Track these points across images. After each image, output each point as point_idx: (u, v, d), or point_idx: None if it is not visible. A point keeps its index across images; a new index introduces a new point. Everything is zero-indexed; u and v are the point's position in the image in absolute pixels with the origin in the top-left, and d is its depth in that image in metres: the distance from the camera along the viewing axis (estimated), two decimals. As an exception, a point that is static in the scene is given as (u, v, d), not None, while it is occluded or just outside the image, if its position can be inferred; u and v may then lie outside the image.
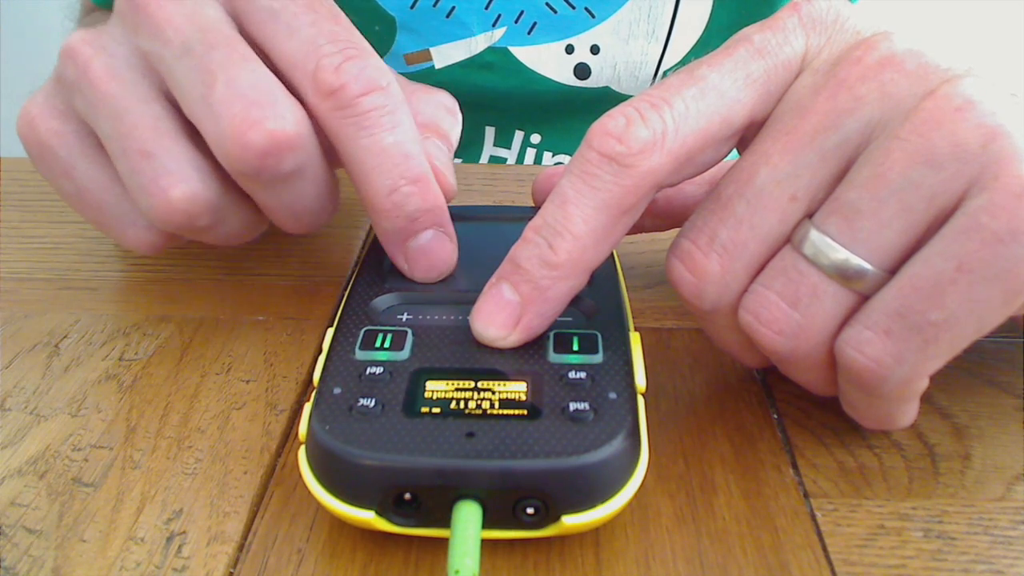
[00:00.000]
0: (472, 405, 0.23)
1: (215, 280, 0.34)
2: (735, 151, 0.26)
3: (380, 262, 0.29)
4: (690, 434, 0.27)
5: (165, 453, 0.26)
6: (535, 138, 0.57)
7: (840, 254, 0.22)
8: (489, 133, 0.57)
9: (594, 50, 0.53)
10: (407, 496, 0.21)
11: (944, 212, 0.22)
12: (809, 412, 0.27)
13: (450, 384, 0.23)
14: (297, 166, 0.27)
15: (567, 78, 0.54)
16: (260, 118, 0.26)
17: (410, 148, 0.27)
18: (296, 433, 0.26)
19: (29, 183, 0.41)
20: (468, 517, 0.21)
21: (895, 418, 0.25)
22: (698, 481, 0.25)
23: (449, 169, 0.30)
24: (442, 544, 0.22)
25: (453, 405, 0.23)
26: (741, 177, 0.24)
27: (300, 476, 0.23)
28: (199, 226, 0.28)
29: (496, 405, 0.23)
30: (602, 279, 0.28)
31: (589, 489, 0.21)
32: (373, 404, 0.23)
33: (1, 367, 0.29)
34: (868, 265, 0.22)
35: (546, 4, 0.52)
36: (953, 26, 1.10)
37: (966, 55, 0.23)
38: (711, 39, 0.53)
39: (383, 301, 0.27)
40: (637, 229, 0.30)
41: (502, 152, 0.57)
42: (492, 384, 0.23)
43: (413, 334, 0.25)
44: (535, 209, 0.26)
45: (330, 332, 0.26)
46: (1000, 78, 0.22)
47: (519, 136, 0.57)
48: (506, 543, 0.23)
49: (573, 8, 0.52)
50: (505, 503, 0.21)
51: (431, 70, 0.53)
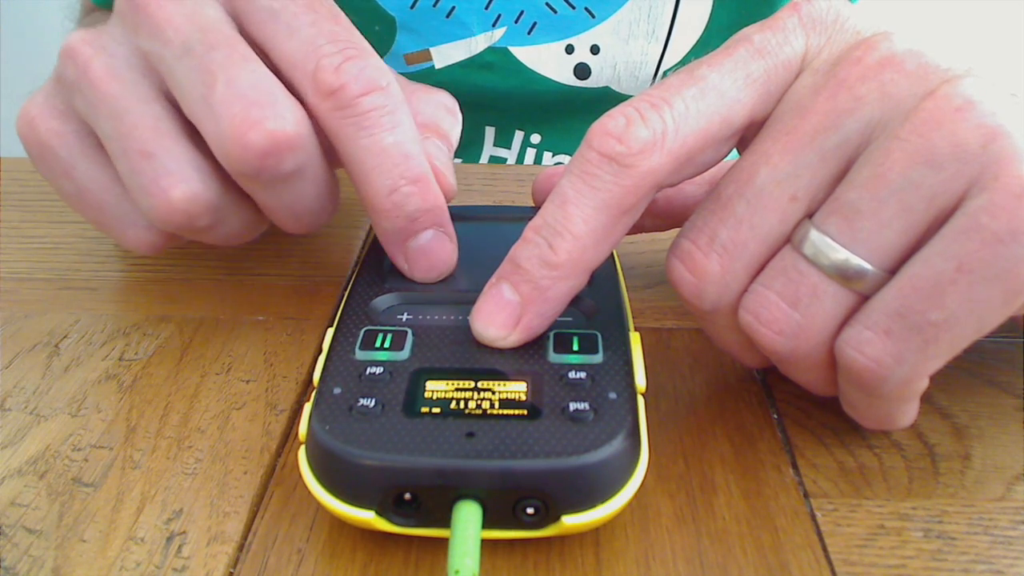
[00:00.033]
0: (472, 405, 0.23)
1: (215, 280, 0.34)
2: (735, 151, 0.26)
3: (380, 262, 0.29)
4: (690, 434, 0.27)
5: (165, 453, 0.26)
6: (535, 138, 0.57)
7: (840, 254, 0.22)
8: (489, 133, 0.57)
9: (594, 50, 0.53)
10: (407, 496, 0.21)
11: (944, 212, 0.22)
12: (809, 412, 0.27)
13: (450, 384, 0.23)
14: (297, 166, 0.27)
15: (567, 78, 0.54)
16: (260, 118, 0.26)
17: (410, 148, 0.27)
18: (296, 433, 0.26)
19: (29, 183, 0.41)
20: (468, 517, 0.21)
21: (895, 418, 0.25)
22: (698, 481, 0.25)
23: (449, 169, 0.30)
24: (442, 544, 0.22)
25: (453, 405, 0.23)
26: (741, 177, 0.24)
27: (300, 476, 0.23)
28: (199, 226, 0.28)
29: (496, 405, 0.23)
30: (602, 279, 0.28)
31: (589, 489, 0.21)
32: (373, 404, 0.23)
33: (1, 367, 0.29)
34: (868, 265, 0.22)
35: (546, 4, 0.52)
36: (953, 26, 1.10)
37: (966, 55, 0.23)
38: (711, 39, 0.53)
39: (383, 301, 0.27)
40: (637, 229, 0.30)
41: (502, 152, 0.57)
42: (492, 384, 0.23)
43: (413, 334, 0.25)
44: (535, 209, 0.26)
45: (330, 332, 0.26)
46: (1000, 78, 0.22)
47: (519, 136, 0.57)
48: (506, 543, 0.23)
49: (573, 8, 0.52)
50: (505, 503, 0.21)
51: (431, 70, 0.53)
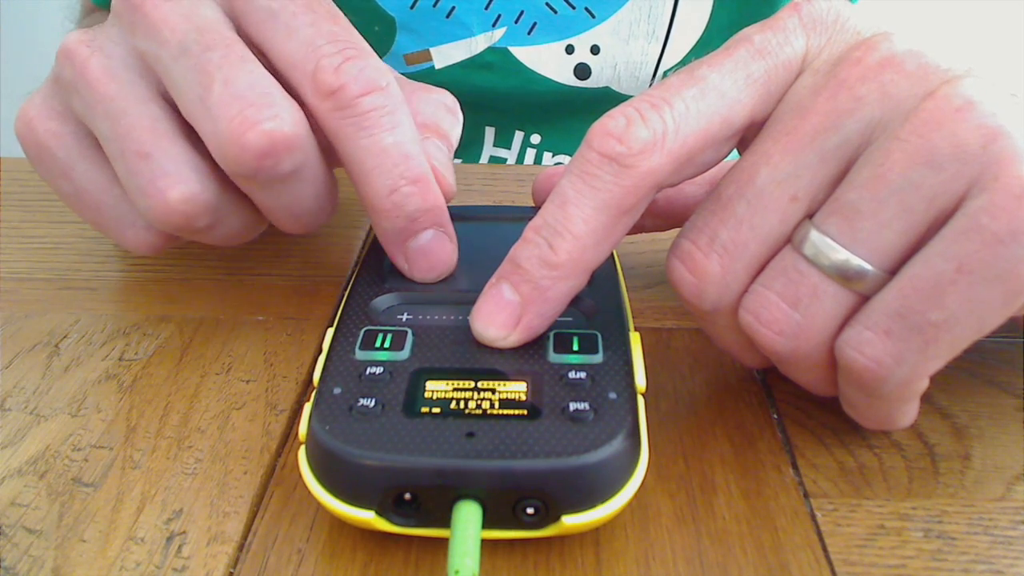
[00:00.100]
0: (472, 405, 0.23)
1: (215, 280, 0.34)
2: (735, 151, 0.26)
3: (380, 262, 0.29)
4: (690, 434, 0.27)
5: (165, 453, 0.26)
6: (535, 138, 0.57)
7: (840, 254, 0.22)
8: (489, 133, 0.57)
9: (594, 50, 0.53)
10: (407, 496, 0.21)
11: (944, 213, 0.22)
12: (809, 412, 0.27)
13: (450, 384, 0.23)
14: (295, 167, 0.27)
15: (567, 78, 0.54)
16: (258, 119, 0.26)
17: (410, 148, 0.27)
18: (296, 433, 0.26)
19: (29, 183, 0.41)
20: (468, 517, 0.21)
21: (895, 418, 0.25)
22: (698, 481, 0.25)
23: (449, 169, 0.30)
24: (442, 544, 0.22)
25: (453, 405, 0.23)
26: (741, 177, 0.24)
27: (300, 476, 0.23)
28: (197, 227, 0.28)
29: (496, 405, 0.23)
30: (602, 279, 0.28)
31: (589, 489, 0.21)
32: (373, 404, 0.23)
33: (1, 367, 0.29)
34: (868, 265, 0.22)
35: (546, 4, 0.52)
36: (953, 26, 1.10)
37: (966, 55, 0.23)
38: (711, 39, 0.53)
39: (383, 301, 0.27)
40: (637, 229, 0.30)
41: (502, 152, 0.57)
42: (492, 384, 0.23)
43: (413, 334, 0.25)
44: (535, 209, 0.26)
45: (330, 332, 0.26)
46: (1000, 78, 0.22)
47: (519, 136, 0.57)
48: (506, 543, 0.23)
49: (573, 8, 0.52)
50: (505, 503, 0.21)
51: (431, 70, 0.53)
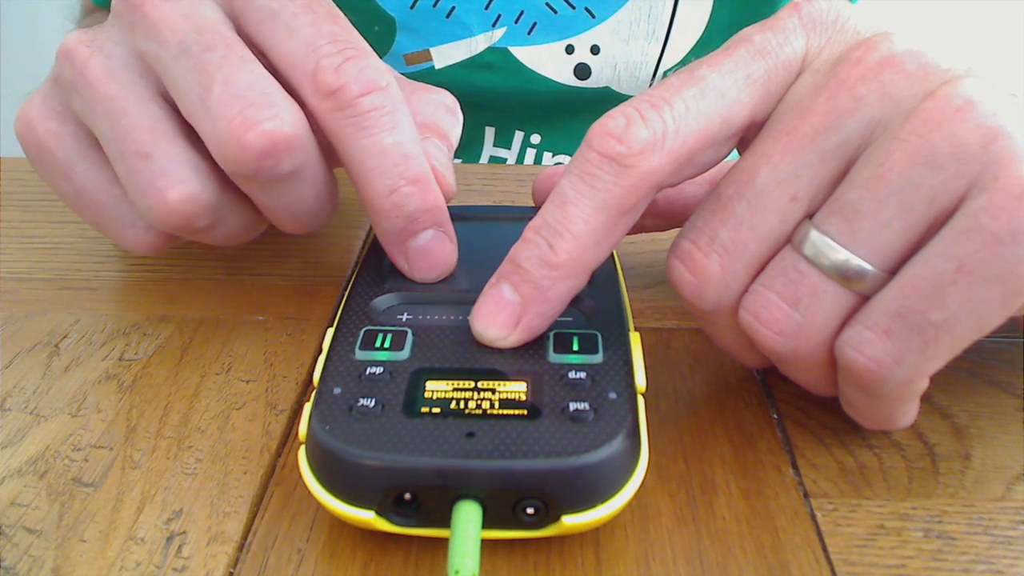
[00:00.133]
0: (472, 405, 0.23)
1: (215, 280, 0.34)
2: (735, 151, 0.26)
3: (380, 262, 0.29)
4: (690, 434, 0.27)
5: (165, 453, 0.26)
6: (535, 138, 0.57)
7: (840, 254, 0.22)
8: (489, 133, 0.57)
9: (594, 50, 0.53)
10: (407, 496, 0.21)
11: (944, 213, 0.22)
12: (809, 412, 0.27)
13: (450, 384, 0.23)
14: (295, 167, 0.27)
15: (567, 78, 0.54)
16: (258, 119, 0.25)
17: (410, 148, 0.27)
18: (296, 433, 0.26)
19: (29, 183, 0.41)
20: (468, 517, 0.21)
21: (895, 418, 0.25)
22: (698, 481, 0.25)
23: (448, 169, 0.30)
24: (442, 544, 0.22)
25: (453, 405, 0.23)
26: (741, 177, 0.24)
27: (300, 476, 0.23)
28: (197, 227, 0.28)
29: (496, 405, 0.23)
30: (602, 279, 0.28)
31: (589, 489, 0.21)
32: (373, 404, 0.23)
33: (1, 367, 0.29)
34: (868, 266, 0.22)
35: (546, 4, 0.52)
36: (953, 26, 1.10)
37: (966, 55, 0.23)
38: (711, 39, 0.53)
39: (383, 301, 0.27)
40: (637, 229, 0.30)
41: (502, 152, 0.57)
42: (492, 384, 0.23)
43: (413, 334, 0.25)
44: (535, 209, 0.26)
45: (330, 332, 0.26)
46: (1000, 78, 0.22)
47: (519, 136, 0.57)
48: (506, 543, 0.23)
49: (573, 8, 0.52)
50: (505, 503, 0.21)
51: (431, 70, 0.53)
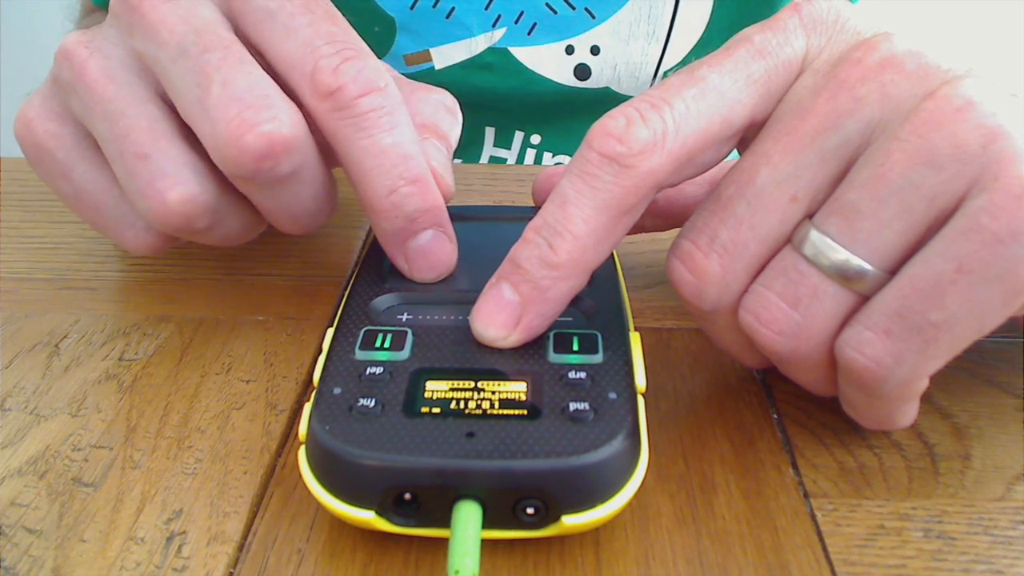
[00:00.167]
0: (472, 405, 0.23)
1: (215, 280, 0.34)
2: (735, 151, 0.26)
3: (380, 262, 0.29)
4: (690, 434, 0.27)
5: (165, 453, 0.26)
6: (535, 139, 0.57)
7: (840, 255, 0.22)
8: (489, 134, 0.57)
9: (594, 51, 0.53)
10: (407, 496, 0.21)
11: (944, 213, 0.22)
12: (809, 412, 0.27)
13: (450, 384, 0.23)
14: (294, 168, 0.27)
15: (567, 79, 0.54)
16: (256, 121, 0.25)
17: (408, 149, 0.27)
18: (296, 433, 0.26)
19: (29, 183, 0.41)
20: (468, 517, 0.21)
21: (895, 418, 0.25)
22: (698, 481, 0.25)
23: (447, 170, 0.30)
24: (442, 544, 0.22)
25: (453, 405, 0.23)
26: (741, 178, 0.24)
27: (300, 476, 0.23)
28: (196, 228, 0.28)
29: (496, 405, 0.23)
30: (602, 279, 0.28)
31: (589, 489, 0.21)
32: (373, 404, 0.23)
33: (1, 367, 0.29)
34: (868, 266, 0.22)
35: (546, 4, 0.52)
36: (953, 26, 1.10)
37: (966, 55, 0.23)
38: (712, 39, 0.53)
39: (383, 301, 0.27)
40: (637, 229, 0.30)
41: (502, 152, 0.57)
42: (492, 384, 0.23)
43: (413, 334, 0.25)
44: (535, 209, 0.26)
45: (330, 332, 0.26)
46: (1000, 78, 0.22)
47: (519, 137, 0.57)
48: (506, 543, 0.23)
49: (573, 9, 0.52)
50: (505, 503, 0.21)
51: (431, 71, 0.53)
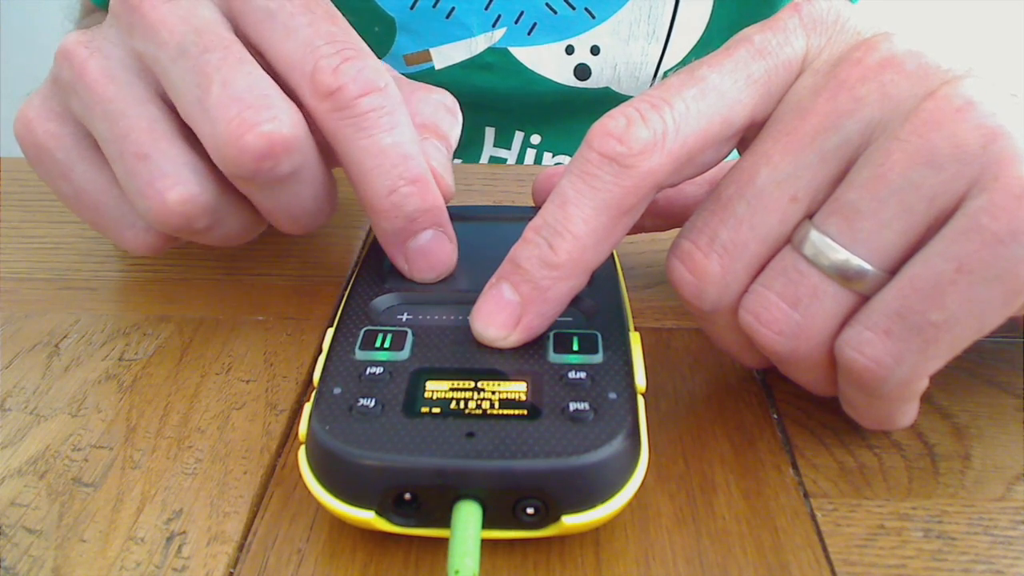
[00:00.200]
0: (472, 405, 0.23)
1: (215, 280, 0.34)
2: (735, 151, 0.26)
3: (380, 262, 0.29)
4: (690, 434, 0.27)
5: (165, 453, 0.26)
6: (535, 139, 0.57)
7: (840, 255, 0.22)
8: (489, 134, 0.57)
9: (594, 51, 0.53)
10: (407, 496, 0.21)
11: (944, 213, 0.22)
12: (809, 412, 0.27)
13: (450, 384, 0.23)
14: (294, 168, 0.27)
15: (567, 79, 0.54)
16: (256, 121, 0.25)
17: (408, 149, 0.27)
18: (296, 433, 0.26)
19: (29, 183, 0.41)
20: (468, 517, 0.21)
21: (895, 418, 0.25)
22: (698, 481, 0.25)
23: (447, 170, 0.30)
24: (442, 544, 0.22)
25: (453, 405, 0.23)
26: (741, 178, 0.24)
27: (300, 476, 0.23)
28: (196, 228, 0.28)
29: (496, 405, 0.23)
30: (602, 279, 0.28)
31: (589, 489, 0.21)
32: (373, 404, 0.23)
33: (1, 367, 0.29)
34: (868, 266, 0.22)
35: (546, 5, 0.52)
36: (953, 26, 1.10)
37: (966, 55, 0.23)
38: (712, 39, 0.53)
39: (383, 301, 0.27)
40: (637, 229, 0.30)
41: (502, 153, 0.57)
42: (492, 384, 0.23)
43: (413, 334, 0.25)
44: (535, 209, 0.26)
45: (330, 332, 0.26)
46: (1000, 78, 0.22)
47: (519, 137, 0.57)
48: (506, 543, 0.23)
49: (573, 9, 0.52)
50: (505, 503, 0.21)
51: (431, 71, 0.53)
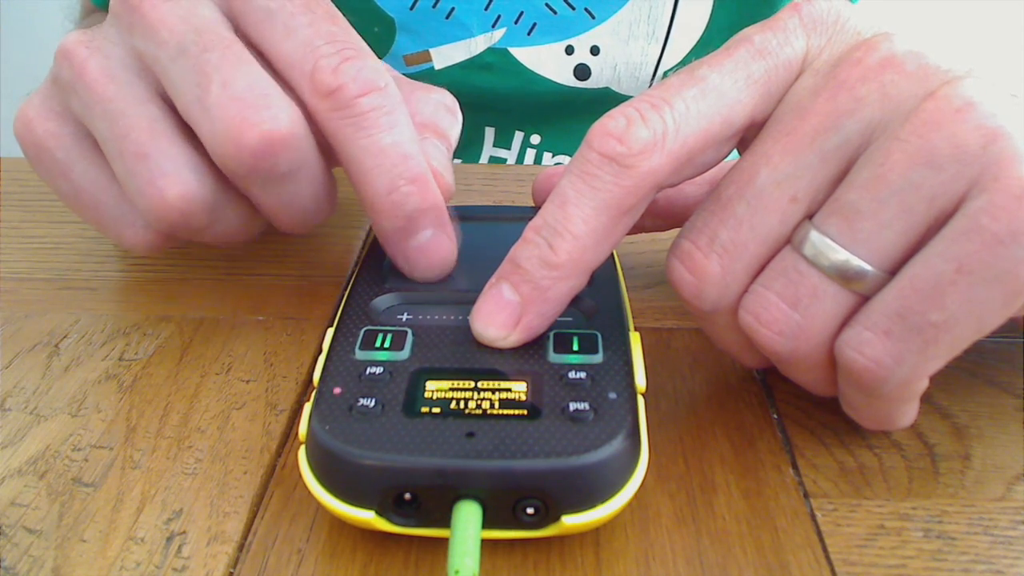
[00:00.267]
0: (472, 405, 0.23)
1: (215, 280, 0.34)
2: (735, 151, 0.26)
3: (380, 262, 0.29)
4: (690, 434, 0.27)
5: (165, 453, 0.26)
6: (535, 139, 0.57)
7: (840, 255, 0.22)
8: (489, 134, 0.57)
9: (594, 51, 0.53)
10: (407, 496, 0.21)
11: (944, 213, 0.22)
12: (809, 412, 0.27)
13: (450, 384, 0.23)
14: (293, 166, 0.27)
15: (567, 79, 0.54)
16: (255, 119, 0.26)
17: (408, 148, 0.27)
18: (296, 433, 0.26)
19: (29, 183, 0.41)
20: (468, 517, 0.21)
21: (895, 419, 0.25)
22: (698, 481, 0.25)
23: (447, 169, 0.30)
24: (442, 544, 0.22)
25: (453, 405, 0.23)
26: (741, 178, 0.24)
27: (300, 476, 0.23)
28: (196, 226, 0.28)
29: (496, 405, 0.23)
30: (602, 279, 0.28)
31: (589, 489, 0.21)
32: (373, 404, 0.23)
33: (1, 367, 0.29)
34: (868, 266, 0.22)
35: (546, 5, 0.52)
36: (953, 26, 1.10)
37: (966, 55, 0.23)
38: (711, 40, 0.53)
39: (383, 301, 0.27)
40: (637, 229, 0.30)
41: (502, 153, 0.57)
42: (492, 384, 0.23)
43: (413, 334, 0.25)
44: (535, 209, 0.26)
45: (330, 332, 0.26)
46: (1000, 78, 0.22)
47: (519, 137, 0.57)
48: (506, 543, 0.23)
49: (573, 9, 0.52)
50: (505, 503, 0.21)
51: (431, 71, 0.53)
